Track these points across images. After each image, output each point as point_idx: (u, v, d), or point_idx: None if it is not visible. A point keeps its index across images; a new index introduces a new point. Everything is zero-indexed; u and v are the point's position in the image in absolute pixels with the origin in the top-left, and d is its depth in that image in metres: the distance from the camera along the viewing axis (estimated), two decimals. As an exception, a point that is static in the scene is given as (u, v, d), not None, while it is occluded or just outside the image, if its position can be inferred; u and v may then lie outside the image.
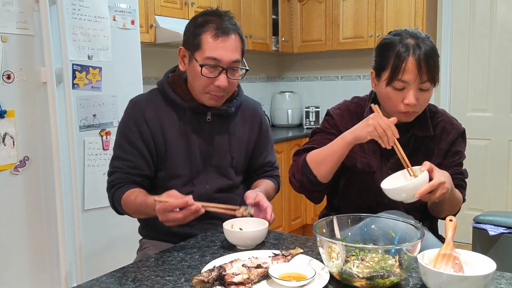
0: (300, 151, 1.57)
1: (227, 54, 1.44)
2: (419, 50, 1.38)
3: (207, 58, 1.44)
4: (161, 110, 1.54)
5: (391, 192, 1.32)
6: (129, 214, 1.53)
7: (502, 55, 3.72)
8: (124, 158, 1.52)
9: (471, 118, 3.85)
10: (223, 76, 1.46)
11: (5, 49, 1.85)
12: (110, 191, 1.53)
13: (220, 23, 1.46)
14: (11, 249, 1.90)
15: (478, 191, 3.82)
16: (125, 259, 1.50)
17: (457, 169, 1.52)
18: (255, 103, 1.72)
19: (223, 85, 1.46)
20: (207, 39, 1.44)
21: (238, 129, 1.62)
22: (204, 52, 1.44)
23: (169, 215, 1.29)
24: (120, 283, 1.11)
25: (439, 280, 0.96)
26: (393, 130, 1.32)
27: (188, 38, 1.49)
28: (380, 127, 1.32)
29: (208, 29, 1.45)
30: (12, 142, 1.88)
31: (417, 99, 1.40)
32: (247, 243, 1.30)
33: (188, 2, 3.11)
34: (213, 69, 1.45)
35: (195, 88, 1.51)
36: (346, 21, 4.04)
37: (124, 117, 1.56)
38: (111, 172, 1.54)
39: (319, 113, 4.31)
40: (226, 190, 1.59)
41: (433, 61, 1.39)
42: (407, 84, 1.39)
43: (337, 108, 1.61)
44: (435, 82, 1.41)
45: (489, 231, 2.44)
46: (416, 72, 1.37)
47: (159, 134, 1.52)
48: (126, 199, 1.47)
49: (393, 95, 1.42)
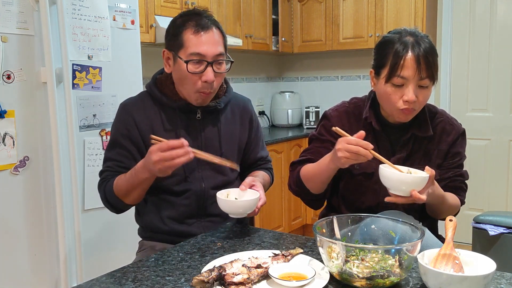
0: (295, 162, 1.60)
1: (210, 48, 1.46)
2: (418, 47, 1.38)
3: (191, 54, 1.45)
4: (150, 112, 1.55)
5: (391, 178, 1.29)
6: (122, 200, 1.50)
7: (502, 55, 3.72)
8: (114, 159, 1.54)
9: (471, 118, 3.85)
10: (209, 70, 1.47)
11: (5, 49, 1.85)
12: (101, 187, 1.55)
13: (199, 19, 1.48)
14: (11, 249, 1.90)
15: (478, 191, 3.82)
16: (125, 259, 1.50)
17: (457, 171, 1.52)
18: (245, 99, 1.73)
19: (210, 79, 1.47)
20: (188, 36, 1.46)
21: (228, 124, 1.63)
22: (187, 49, 1.46)
23: (163, 154, 1.30)
24: (120, 283, 1.11)
25: (439, 280, 0.96)
26: (363, 145, 1.27)
27: (170, 40, 1.52)
28: (349, 152, 1.28)
29: (188, 26, 1.47)
30: (12, 142, 1.88)
31: (416, 96, 1.39)
32: (239, 211, 1.39)
33: (188, 2, 3.11)
34: (199, 65, 1.46)
35: (183, 89, 1.53)
36: (346, 21, 4.04)
37: (115, 120, 1.59)
38: (102, 171, 1.58)
39: (319, 113, 4.31)
40: (222, 187, 1.60)
41: (432, 58, 1.39)
42: (406, 81, 1.39)
43: (335, 110, 1.61)
44: (434, 80, 1.41)
45: (489, 231, 2.44)
46: (415, 68, 1.37)
47: (149, 135, 1.53)
48: (117, 182, 1.49)
49: (392, 92, 1.41)
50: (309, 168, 1.50)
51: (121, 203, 1.52)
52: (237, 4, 3.65)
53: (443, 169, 1.50)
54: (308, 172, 1.50)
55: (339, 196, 1.61)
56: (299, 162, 1.58)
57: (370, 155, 1.28)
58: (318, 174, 1.46)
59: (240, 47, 3.58)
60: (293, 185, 1.57)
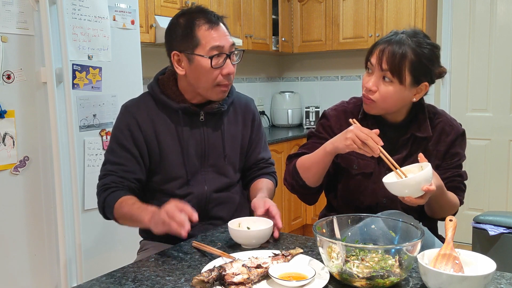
0: (292, 155, 1.60)
1: (226, 39, 1.49)
2: (395, 44, 1.39)
3: (211, 49, 1.46)
4: (153, 113, 1.53)
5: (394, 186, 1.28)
6: (116, 219, 1.48)
7: (502, 55, 3.72)
8: (117, 162, 1.50)
9: (471, 118, 3.85)
10: (228, 62, 1.49)
11: (5, 49, 1.85)
12: (103, 194, 1.49)
13: (206, 15, 1.49)
14: (11, 249, 1.90)
15: (478, 191, 3.82)
16: (125, 259, 1.50)
17: (456, 171, 1.51)
18: (247, 99, 1.72)
19: (232, 71, 1.50)
20: (203, 32, 1.46)
21: (231, 126, 1.62)
22: (206, 44, 1.46)
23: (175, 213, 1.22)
24: (120, 283, 1.11)
25: (439, 280, 0.96)
26: (375, 139, 1.30)
27: (180, 41, 1.49)
28: (358, 139, 1.31)
29: (200, 24, 1.47)
30: (12, 142, 1.88)
31: (377, 87, 1.42)
32: (252, 242, 1.31)
33: (188, 2, 3.11)
34: (219, 58, 1.47)
35: (202, 86, 1.50)
36: (346, 21, 4.04)
37: (117, 122, 1.55)
38: (104, 175, 1.52)
39: (319, 113, 4.31)
40: (224, 189, 1.59)
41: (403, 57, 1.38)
42: (373, 68, 1.43)
43: (333, 110, 1.61)
44: (400, 78, 1.39)
45: (489, 231, 2.44)
46: (378, 57, 1.40)
47: (152, 138, 1.52)
48: (121, 206, 1.43)
49: (364, 78, 1.47)
50: (306, 158, 1.50)
51: (115, 220, 1.49)
52: (237, 4, 3.65)
53: (442, 169, 1.50)
54: (305, 162, 1.50)
55: (338, 196, 1.61)
56: (295, 155, 1.58)
57: (377, 149, 1.29)
58: (315, 163, 1.46)
59: (240, 47, 3.58)
60: (289, 177, 1.56)
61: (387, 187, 1.29)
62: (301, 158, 1.52)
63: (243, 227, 1.36)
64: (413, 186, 1.25)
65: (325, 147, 1.41)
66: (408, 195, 1.27)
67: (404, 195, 1.28)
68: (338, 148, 1.37)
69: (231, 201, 1.61)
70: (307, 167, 1.49)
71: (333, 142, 1.39)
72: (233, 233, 1.33)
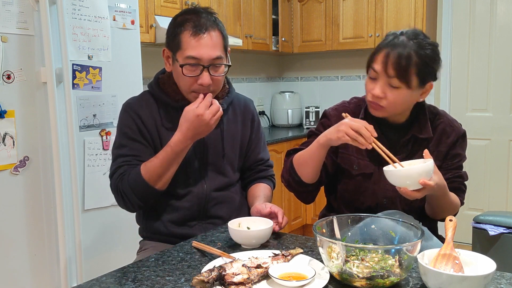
0: (290, 152, 1.60)
1: (207, 51, 1.43)
2: (399, 47, 1.37)
3: (187, 58, 1.43)
4: (154, 111, 1.54)
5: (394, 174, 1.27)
6: (153, 186, 1.44)
7: (502, 55, 3.72)
8: (129, 154, 1.50)
9: (471, 118, 3.85)
10: (205, 74, 1.44)
11: (5, 49, 1.85)
12: (121, 182, 1.46)
13: (197, 20, 1.45)
14: (11, 249, 1.90)
15: (478, 191, 3.82)
16: (125, 259, 1.49)
17: (456, 172, 1.51)
18: (247, 99, 1.72)
19: (206, 83, 1.45)
20: (185, 38, 1.44)
21: (230, 125, 1.62)
22: (184, 51, 1.44)
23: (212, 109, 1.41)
24: (120, 283, 1.11)
25: (439, 280, 0.96)
26: (369, 129, 1.30)
27: (169, 39, 1.49)
28: (351, 130, 1.30)
29: (186, 28, 1.45)
30: (12, 142, 1.88)
31: (385, 94, 1.40)
32: (252, 242, 1.31)
33: (188, 2, 3.11)
34: (195, 68, 1.44)
35: (181, 88, 1.52)
36: (346, 21, 4.04)
37: (121, 119, 1.55)
38: (119, 166, 1.49)
39: (319, 113, 4.31)
40: (224, 188, 1.59)
41: (408, 62, 1.36)
42: (378, 75, 1.40)
43: (334, 109, 1.61)
44: (408, 83, 1.37)
45: (489, 231, 2.44)
46: (383, 64, 1.38)
47: (155, 135, 1.53)
48: (146, 167, 1.43)
49: (367, 84, 1.45)
50: (301, 153, 1.51)
51: (151, 190, 1.45)
52: (237, 4, 3.65)
53: (443, 170, 1.50)
54: (300, 157, 1.50)
55: (338, 197, 1.61)
56: (294, 150, 1.58)
57: (370, 138, 1.29)
58: (309, 157, 1.46)
59: (240, 47, 3.58)
60: (286, 173, 1.56)
61: (386, 176, 1.29)
62: (297, 154, 1.52)
63: (243, 227, 1.36)
64: (412, 176, 1.24)
65: (319, 139, 1.41)
66: (406, 186, 1.26)
67: (402, 185, 1.27)
68: (331, 140, 1.36)
69: (231, 201, 1.61)
70: (302, 162, 1.49)
71: (326, 134, 1.39)
72: (233, 233, 1.33)
